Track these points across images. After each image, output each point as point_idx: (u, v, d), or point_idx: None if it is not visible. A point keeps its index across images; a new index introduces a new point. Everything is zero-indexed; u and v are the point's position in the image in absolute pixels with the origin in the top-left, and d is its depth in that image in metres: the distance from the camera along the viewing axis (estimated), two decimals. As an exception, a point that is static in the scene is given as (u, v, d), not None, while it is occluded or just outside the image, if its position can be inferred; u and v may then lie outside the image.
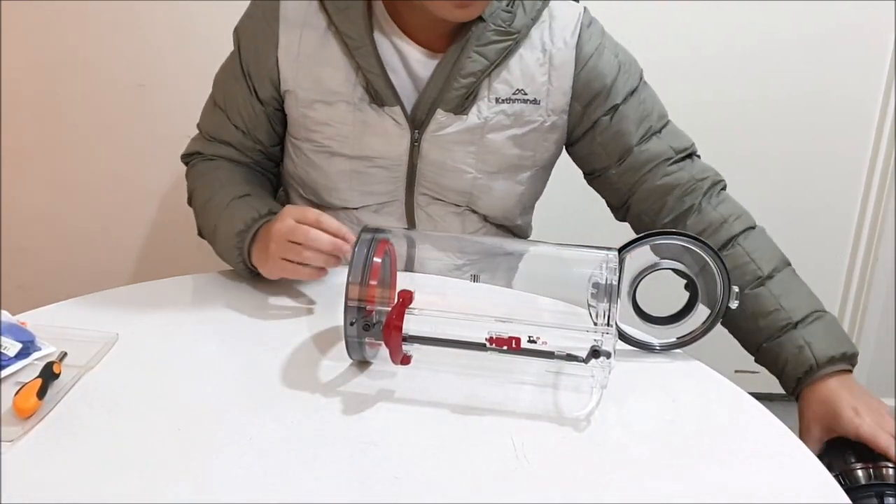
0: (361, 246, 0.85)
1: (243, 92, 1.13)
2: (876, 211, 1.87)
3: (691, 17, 1.74)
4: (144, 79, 1.69)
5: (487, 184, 1.13)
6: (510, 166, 1.13)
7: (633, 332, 0.95)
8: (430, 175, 1.12)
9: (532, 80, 1.08)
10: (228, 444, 0.77)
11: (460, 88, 1.05)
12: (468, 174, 1.11)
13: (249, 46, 1.11)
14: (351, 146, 1.10)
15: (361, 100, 1.07)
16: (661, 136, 1.13)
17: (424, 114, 1.07)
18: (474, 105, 1.07)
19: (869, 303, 1.93)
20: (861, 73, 1.79)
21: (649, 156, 1.12)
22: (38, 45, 1.69)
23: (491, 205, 1.15)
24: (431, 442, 0.78)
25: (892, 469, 1.43)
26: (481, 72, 1.05)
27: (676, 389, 0.89)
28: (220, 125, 1.16)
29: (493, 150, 1.10)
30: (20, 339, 0.89)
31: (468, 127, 1.08)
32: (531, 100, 1.09)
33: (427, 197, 1.14)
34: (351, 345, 0.85)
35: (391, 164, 1.11)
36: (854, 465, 1.45)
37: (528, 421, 0.82)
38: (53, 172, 1.80)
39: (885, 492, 1.45)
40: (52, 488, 0.71)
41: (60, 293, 1.05)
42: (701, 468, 0.76)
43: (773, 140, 1.84)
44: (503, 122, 1.09)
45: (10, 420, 0.79)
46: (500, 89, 1.07)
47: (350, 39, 1.05)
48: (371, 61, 1.05)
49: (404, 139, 1.08)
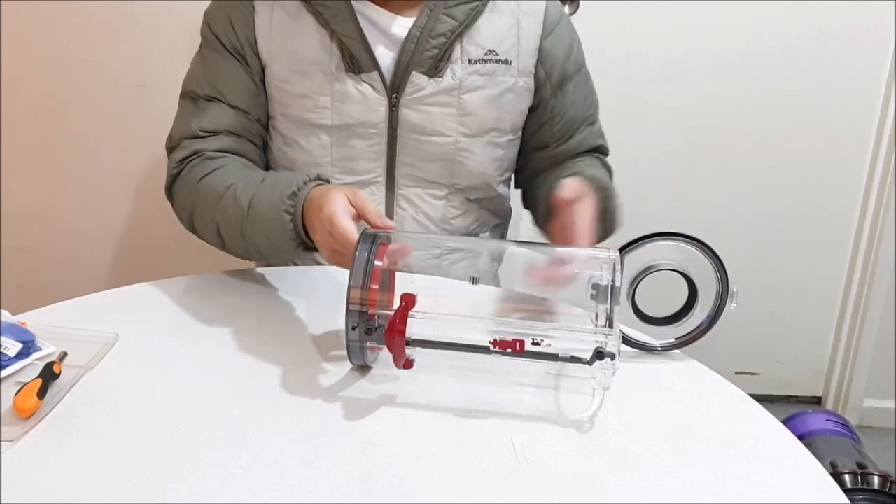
0: (362, 249, 0.84)
1: (234, 68, 1.11)
2: (876, 211, 1.87)
3: (691, 18, 1.74)
4: (145, 79, 1.70)
5: (468, 147, 1.15)
6: (489, 129, 1.15)
7: (632, 332, 0.95)
8: (410, 143, 1.13)
9: (502, 41, 1.12)
10: (228, 444, 0.77)
11: (432, 49, 1.09)
12: (448, 137, 1.13)
13: (227, 27, 1.11)
14: (330, 116, 1.11)
15: (338, 68, 1.09)
16: (591, 124, 1.23)
17: (400, 78, 1.10)
18: (448, 67, 1.11)
19: (869, 303, 1.93)
20: (862, 73, 1.79)
21: (581, 142, 1.21)
22: (39, 44, 1.70)
23: (472, 171, 1.17)
24: (432, 443, 0.78)
25: (878, 476, 1.44)
26: (451, 32, 1.09)
27: (676, 390, 0.89)
28: (215, 114, 1.11)
29: (471, 111, 1.13)
30: (20, 339, 0.89)
31: (444, 88, 1.11)
32: (503, 60, 1.12)
33: (408, 178, 1.16)
34: (352, 349, 0.84)
35: (371, 133, 1.12)
36: (840, 471, 1.46)
37: (528, 422, 0.82)
38: (54, 172, 1.80)
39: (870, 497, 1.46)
40: (53, 488, 0.71)
41: (60, 293, 1.05)
42: (701, 469, 0.76)
43: (774, 141, 1.84)
44: (477, 82, 1.12)
45: (10, 420, 0.79)
46: (472, 50, 1.11)
47: (326, 9, 1.08)
48: (350, 27, 1.08)
49: (382, 105, 1.11)
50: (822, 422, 1.66)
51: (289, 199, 0.96)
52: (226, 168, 1.07)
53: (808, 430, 1.63)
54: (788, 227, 1.93)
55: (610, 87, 1.79)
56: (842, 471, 1.46)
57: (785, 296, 1.99)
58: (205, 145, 1.10)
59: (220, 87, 1.11)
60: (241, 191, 1.02)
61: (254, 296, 1.04)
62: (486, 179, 1.19)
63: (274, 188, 0.99)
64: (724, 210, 1.90)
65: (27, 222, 1.85)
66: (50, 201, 1.83)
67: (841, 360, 2.02)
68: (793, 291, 1.99)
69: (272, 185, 1.00)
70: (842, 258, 1.96)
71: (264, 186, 1.01)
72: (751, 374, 2.06)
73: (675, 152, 1.86)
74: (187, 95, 1.14)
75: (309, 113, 1.11)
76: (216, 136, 1.11)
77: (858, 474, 1.46)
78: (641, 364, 0.93)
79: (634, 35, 1.76)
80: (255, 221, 1.00)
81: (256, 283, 1.06)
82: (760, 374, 2.06)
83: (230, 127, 1.11)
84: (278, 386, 0.86)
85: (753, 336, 2.01)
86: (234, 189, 1.03)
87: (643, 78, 1.79)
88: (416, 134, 1.12)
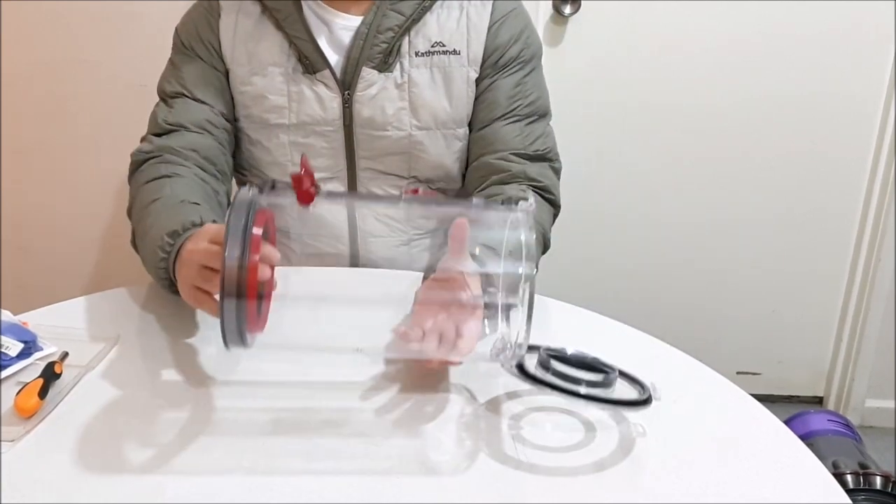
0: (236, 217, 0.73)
1: (199, 67, 1.15)
2: (878, 211, 1.87)
3: (692, 18, 1.74)
4: (147, 79, 1.69)
5: (423, 140, 1.16)
6: (443, 121, 1.16)
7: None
8: (366, 138, 1.15)
9: (449, 32, 1.13)
10: (230, 444, 0.77)
11: (381, 44, 1.11)
12: (402, 131, 1.15)
13: (193, 35, 1.16)
14: (287, 116, 1.15)
15: (295, 70, 1.13)
16: (524, 126, 1.15)
17: (351, 74, 1.12)
18: (397, 62, 1.13)
19: (871, 303, 1.92)
20: (864, 73, 1.79)
21: (499, 137, 1.15)
22: (41, 44, 1.70)
23: (430, 164, 1.18)
24: (432, 442, 0.78)
25: (880, 477, 1.44)
26: (399, 27, 1.11)
27: (678, 390, 0.88)
28: (180, 109, 1.14)
29: (423, 104, 1.14)
30: (22, 338, 0.89)
31: (394, 83, 1.13)
32: (451, 51, 1.13)
33: (370, 171, 1.18)
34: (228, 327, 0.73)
35: (327, 131, 1.15)
36: (842, 471, 1.46)
37: (528, 421, 0.82)
38: (56, 172, 1.81)
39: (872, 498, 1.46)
40: (54, 488, 0.71)
41: (62, 293, 1.05)
42: (702, 469, 0.76)
43: (776, 141, 1.84)
44: (425, 75, 1.13)
45: (11, 420, 0.79)
46: (419, 43, 1.13)
47: (278, 12, 1.12)
48: (298, 27, 1.12)
49: (336, 102, 1.14)
50: (824, 422, 1.66)
51: (168, 237, 0.93)
52: (172, 180, 1.06)
53: (810, 431, 1.63)
54: (790, 227, 1.93)
55: (611, 86, 1.80)
56: (843, 471, 1.46)
57: (786, 296, 1.99)
58: (168, 142, 1.12)
59: (186, 84, 1.15)
60: (154, 210, 1.00)
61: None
62: (447, 171, 1.20)
63: (168, 221, 0.96)
64: (726, 210, 1.90)
65: (29, 222, 1.85)
66: (52, 201, 1.83)
67: (842, 360, 2.02)
68: (794, 291, 1.98)
69: (168, 217, 0.97)
70: (843, 258, 1.96)
71: (162, 216, 0.98)
72: (752, 374, 2.05)
73: (676, 152, 1.86)
74: (159, 95, 1.18)
75: (268, 113, 1.15)
76: (178, 132, 1.13)
77: (860, 474, 1.46)
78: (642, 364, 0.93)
79: (636, 36, 1.76)
80: (145, 246, 0.98)
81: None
82: (762, 374, 2.06)
83: (193, 121, 1.14)
84: (280, 384, 0.86)
85: (755, 336, 2.01)
86: (156, 204, 1.02)
87: (644, 78, 1.79)
88: (371, 129, 1.15)
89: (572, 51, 1.75)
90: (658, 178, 1.88)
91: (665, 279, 1.97)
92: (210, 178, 1.12)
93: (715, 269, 1.95)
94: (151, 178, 1.07)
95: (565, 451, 0.78)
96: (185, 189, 1.05)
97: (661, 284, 1.97)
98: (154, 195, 1.04)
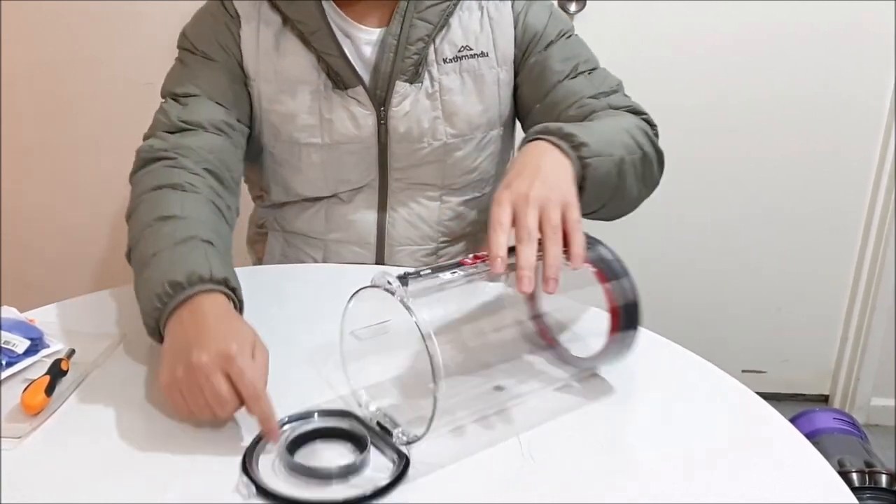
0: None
1: (215, 71, 1.08)
2: (884, 209, 1.86)
3: (698, 18, 1.74)
4: (152, 77, 1.70)
5: (459, 146, 1.14)
6: (477, 125, 1.14)
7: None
8: (401, 151, 1.13)
9: (474, 35, 1.11)
10: (236, 441, 0.77)
11: (412, 55, 1.08)
12: (438, 141, 1.12)
13: (209, 40, 1.09)
14: (320, 134, 1.11)
15: (326, 86, 1.09)
16: (587, 77, 1.13)
17: (384, 89, 1.09)
18: (425, 71, 1.10)
19: (877, 302, 1.92)
20: (869, 72, 1.78)
21: (569, 92, 1.11)
22: (45, 42, 1.70)
23: (465, 169, 1.16)
24: (437, 440, 0.78)
25: (885, 475, 1.44)
26: (428, 36, 1.08)
27: (683, 389, 0.88)
28: (196, 107, 1.05)
29: (456, 110, 1.12)
30: (29, 336, 0.89)
31: (426, 93, 1.10)
32: (478, 53, 1.11)
33: (401, 182, 1.15)
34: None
35: (361, 148, 1.12)
36: (848, 469, 1.46)
37: (533, 420, 0.82)
38: (60, 170, 1.81)
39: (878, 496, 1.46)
40: (60, 485, 0.72)
41: (67, 291, 1.05)
42: (707, 468, 0.76)
43: (781, 139, 1.84)
44: (456, 81, 1.11)
45: (18, 417, 0.79)
46: (446, 49, 1.10)
47: (305, 26, 1.07)
48: (328, 43, 1.07)
49: (370, 118, 1.10)
50: (830, 420, 1.65)
51: (169, 286, 0.82)
52: (183, 196, 0.95)
53: (816, 429, 1.63)
54: (795, 225, 1.92)
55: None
56: (849, 469, 1.46)
57: (792, 294, 1.98)
58: (184, 140, 1.02)
59: (201, 84, 1.07)
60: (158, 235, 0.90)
61: (258, 294, 1.03)
62: (481, 176, 1.19)
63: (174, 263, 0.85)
64: (732, 209, 1.90)
65: (34, 221, 1.85)
66: (57, 200, 1.84)
67: (848, 358, 2.02)
68: (800, 289, 1.98)
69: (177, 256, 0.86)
70: (849, 256, 1.96)
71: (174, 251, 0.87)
72: (757, 372, 2.05)
73: (682, 151, 1.84)
74: (167, 95, 1.10)
75: (298, 133, 1.11)
76: (195, 131, 1.04)
77: (866, 473, 1.45)
78: (647, 362, 0.93)
79: (641, 34, 1.76)
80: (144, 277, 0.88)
81: (260, 282, 1.06)
82: (767, 372, 2.05)
83: (211, 120, 1.05)
84: (283, 382, 0.86)
85: (760, 334, 2.01)
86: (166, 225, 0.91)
87: (650, 78, 1.78)
88: (406, 142, 1.12)
89: (577, 49, 1.75)
90: (663, 176, 1.87)
91: (671, 278, 1.97)
92: (224, 192, 1.02)
93: (720, 267, 1.95)
94: (161, 185, 0.96)
95: (570, 451, 0.78)
96: (197, 212, 0.94)
97: (667, 283, 1.97)
98: (161, 211, 0.93)
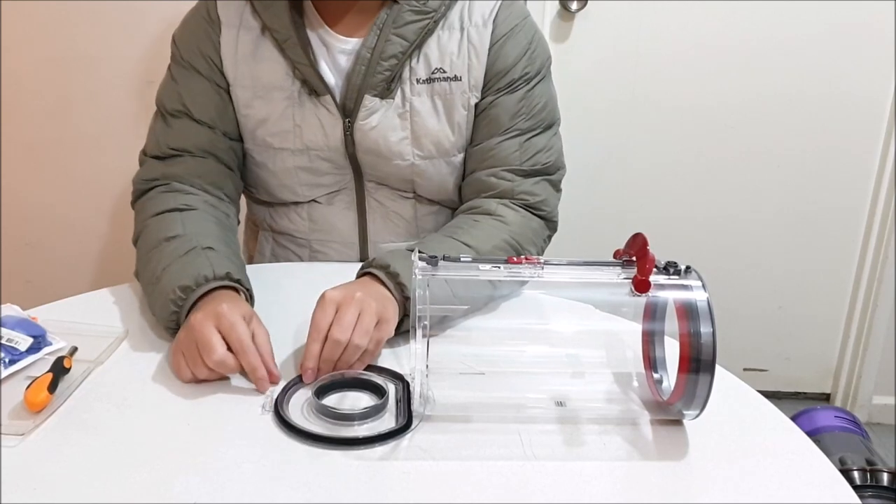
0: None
1: (200, 84, 1.11)
2: (886, 208, 1.86)
3: (699, 16, 1.73)
4: (153, 75, 1.70)
5: (426, 169, 1.13)
6: (446, 149, 1.12)
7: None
8: (371, 164, 1.13)
9: (450, 58, 1.08)
10: (237, 439, 0.77)
11: (384, 71, 1.07)
12: (405, 161, 1.12)
13: (192, 48, 1.12)
14: (291, 140, 1.12)
15: (300, 92, 1.09)
16: (522, 144, 1.10)
17: (353, 101, 1.09)
18: (398, 88, 1.09)
19: (878, 300, 1.92)
20: (871, 71, 1.78)
21: (495, 154, 1.10)
22: (47, 41, 1.70)
23: (434, 189, 1.16)
24: (438, 439, 0.78)
25: (887, 473, 1.44)
26: (402, 53, 1.07)
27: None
28: (181, 131, 1.11)
29: (425, 132, 1.11)
30: (31, 333, 0.90)
31: (396, 111, 1.09)
32: (451, 77, 1.09)
33: (374, 184, 1.16)
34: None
35: (331, 156, 1.13)
36: (849, 468, 1.46)
37: (535, 417, 0.82)
38: (62, 168, 1.81)
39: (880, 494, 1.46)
40: (63, 482, 0.72)
41: (69, 289, 1.05)
42: (709, 465, 0.76)
43: (783, 137, 1.83)
44: (427, 103, 1.10)
45: (21, 414, 0.79)
46: (419, 69, 1.09)
47: (278, 34, 1.08)
48: (297, 51, 1.07)
49: (337, 128, 1.10)
50: (831, 418, 1.65)
51: (180, 291, 0.91)
52: (183, 215, 1.03)
53: (817, 427, 1.63)
54: (797, 224, 1.92)
55: (618, 83, 1.80)
56: (851, 467, 1.46)
57: (793, 292, 1.98)
58: (172, 168, 1.10)
59: (187, 102, 1.11)
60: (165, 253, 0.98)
61: (262, 291, 1.04)
62: (449, 195, 1.18)
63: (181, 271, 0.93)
64: (733, 207, 1.90)
65: (36, 219, 1.85)
66: (59, 198, 1.84)
67: (850, 356, 2.02)
68: (801, 288, 1.98)
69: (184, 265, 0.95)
70: (851, 254, 1.95)
71: (178, 262, 0.95)
72: (759, 370, 2.05)
73: (683, 149, 1.85)
74: (158, 109, 1.14)
75: (272, 137, 1.12)
76: (181, 157, 1.10)
77: (867, 471, 1.45)
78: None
79: (642, 33, 1.76)
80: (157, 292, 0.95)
81: (263, 279, 1.06)
82: (769, 370, 2.05)
83: (196, 144, 1.10)
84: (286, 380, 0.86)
85: (761, 333, 2.01)
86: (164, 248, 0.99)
87: (651, 76, 1.78)
88: (373, 156, 1.12)
89: (579, 47, 1.75)
90: (665, 174, 1.87)
91: (672, 275, 1.96)
92: (219, 203, 1.10)
93: (722, 266, 1.95)
94: (161, 211, 1.04)
95: (572, 448, 0.78)
96: (197, 227, 1.02)
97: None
98: (165, 232, 1.00)
